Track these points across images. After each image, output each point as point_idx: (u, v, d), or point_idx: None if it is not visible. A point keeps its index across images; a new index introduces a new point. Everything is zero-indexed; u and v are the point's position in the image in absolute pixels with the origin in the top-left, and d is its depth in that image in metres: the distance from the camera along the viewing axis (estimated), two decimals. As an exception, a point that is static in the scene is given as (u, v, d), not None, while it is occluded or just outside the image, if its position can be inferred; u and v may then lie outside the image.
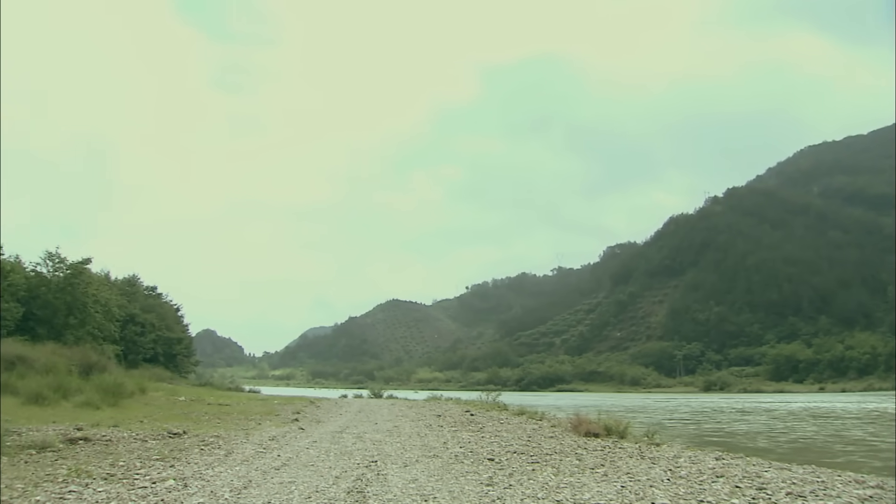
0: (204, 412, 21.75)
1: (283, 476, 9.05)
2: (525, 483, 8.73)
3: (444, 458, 11.34)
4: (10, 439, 11.08)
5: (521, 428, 17.61)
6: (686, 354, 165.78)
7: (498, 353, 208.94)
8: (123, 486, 8.02)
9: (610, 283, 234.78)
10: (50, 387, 20.00)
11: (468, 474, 9.48)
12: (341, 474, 9.32)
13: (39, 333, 37.63)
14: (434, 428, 17.84)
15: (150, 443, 12.62)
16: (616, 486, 8.52)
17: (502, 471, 9.83)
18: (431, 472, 9.68)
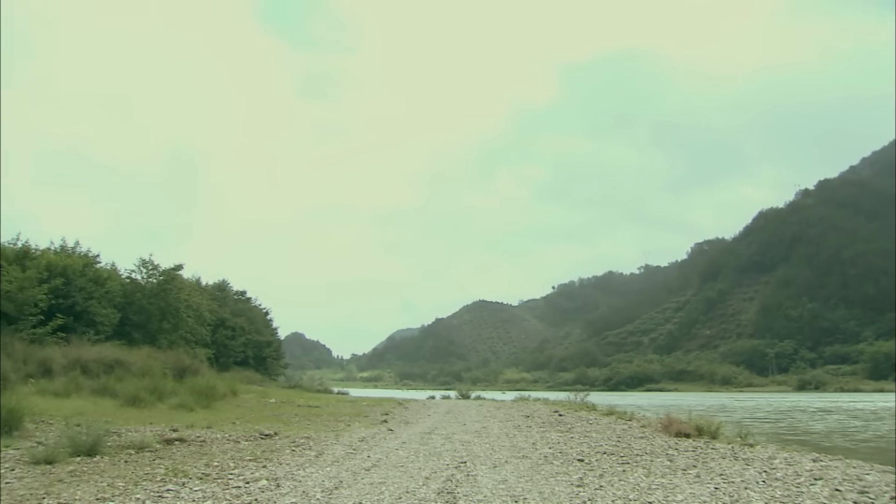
0: (294, 414, 22.15)
1: (373, 477, 9.16)
2: (616, 484, 8.64)
3: (534, 458, 11.30)
4: (111, 440, 11.53)
5: (611, 428, 17.42)
6: (778, 353, 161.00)
7: (585, 353, 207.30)
8: (218, 486, 8.26)
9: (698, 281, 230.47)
10: (146, 389, 20.68)
11: (558, 475, 9.44)
12: (431, 475, 9.38)
13: (135, 338, 38.99)
14: (522, 429, 17.80)
15: (242, 444, 12.94)
16: (709, 487, 8.37)
17: (592, 472, 9.76)
18: (521, 472, 9.67)
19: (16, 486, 7.86)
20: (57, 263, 35.94)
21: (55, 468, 9.23)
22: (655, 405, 44.65)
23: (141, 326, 41.70)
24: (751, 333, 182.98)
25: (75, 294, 35.76)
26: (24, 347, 25.90)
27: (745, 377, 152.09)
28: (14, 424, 12.15)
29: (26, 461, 9.59)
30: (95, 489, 7.80)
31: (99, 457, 10.32)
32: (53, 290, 33.59)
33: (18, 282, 31.49)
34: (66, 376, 22.95)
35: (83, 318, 35.56)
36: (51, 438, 11.38)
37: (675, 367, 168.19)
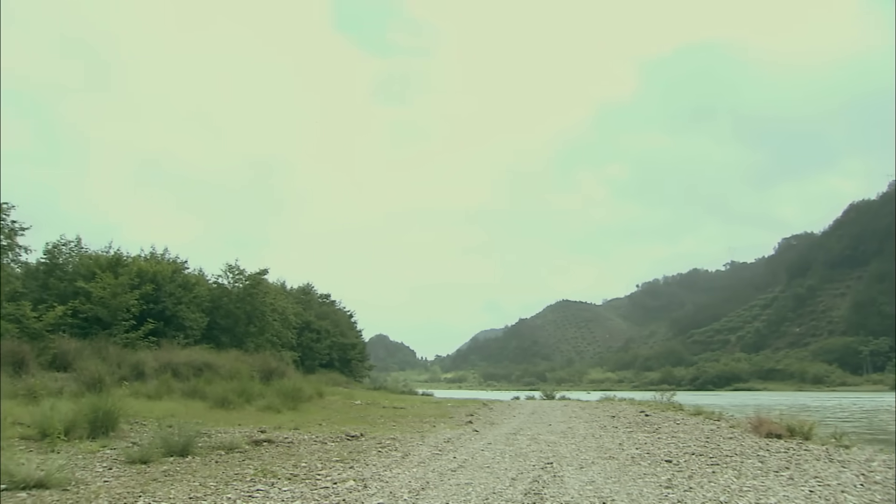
0: (379, 415, 22.36)
1: (459, 478, 9.18)
2: (706, 486, 8.48)
3: (621, 459, 11.18)
4: (202, 440, 11.84)
5: (699, 428, 17.09)
6: (873, 350, 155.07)
7: (671, 352, 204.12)
8: (306, 486, 8.40)
9: (786, 277, 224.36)
10: (234, 392, 21.19)
11: (646, 476, 9.31)
12: (517, 476, 9.36)
13: (223, 342, 40.00)
14: (609, 429, 17.61)
15: (329, 445, 13.12)
16: (804, 490, 8.14)
17: (681, 473, 9.60)
18: (608, 473, 9.58)
19: (114, 485, 8.15)
20: (147, 270, 37.11)
21: (150, 468, 9.53)
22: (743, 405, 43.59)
23: (228, 330, 42.75)
24: (843, 331, 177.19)
25: (165, 299, 36.87)
26: (118, 351, 26.86)
27: (837, 376, 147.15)
28: (110, 425, 12.60)
29: (122, 461, 9.93)
30: (188, 488, 8.03)
31: (191, 457, 10.62)
32: (144, 296, 34.72)
33: (111, 288, 32.67)
34: (157, 379, 23.71)
35: (173, 323, 36.65)
36: (145, 439, 11.74)
37: (764, 365, 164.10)
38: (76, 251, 38.94)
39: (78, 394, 17.71)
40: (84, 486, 7.98)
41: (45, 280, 36.03)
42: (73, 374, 21.70)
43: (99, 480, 8.45)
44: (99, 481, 8.38)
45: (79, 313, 31.31)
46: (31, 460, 8.36)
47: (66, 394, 17.93)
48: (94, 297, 32.47)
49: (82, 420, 12.30)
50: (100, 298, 32.53)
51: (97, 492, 7.69)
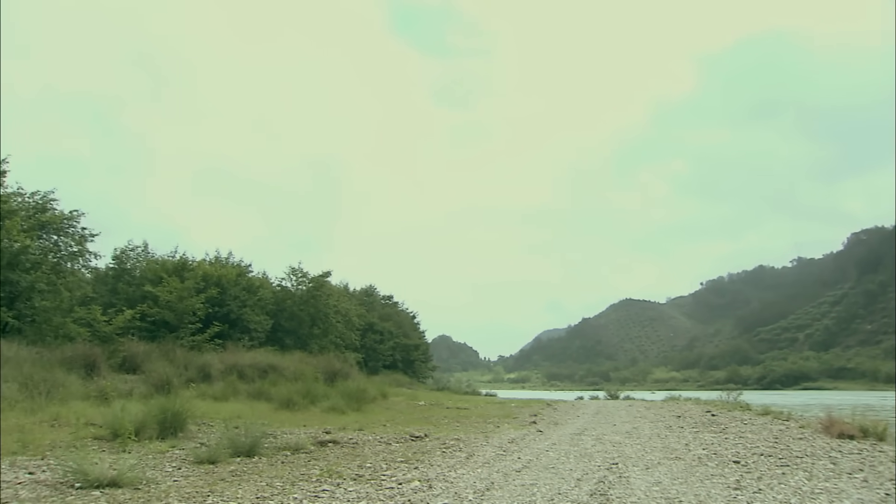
0: (443, 416, 22.39)
1: (524, 478, 9.14)
2: (776, 487, 8.30)
3: (687, 460, 11.02)
4: (268, 441, 12.01)
5: (767, 429, 16.73)
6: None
7: (737, 351, 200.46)
8: (372, 487, 8.45)
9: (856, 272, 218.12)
10: (299, 393, 21.44)
11: (713, 477, 9.16)
12: (583, 476, 9.29)
13: (287, 343, 40.56)
14: (674, 429, 17.37)
15: (393, 445, 13.19)
16: (879, 493, 7.89)
17: (750, 474, 9.41)
18: (675, 474, 9.45)
19: (183, 484, 8.32)
20: (212, 274, 37.83)
21: (217, 468, 9.71)
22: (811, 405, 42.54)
23: (292, 332, 43.32)
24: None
25: (230, 302, 37.53)
26: (185, 354, 27.42)
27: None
28: (179, 426, 12.87)
29: (191, 461, 10.13)
30: (255, 488, 8.15)
31: (257, 457, 10.78)
32: (210, 299, 35.40)
33: (178, 292, 33.38)
34: (223, 381, 24.14)
35: (238, 325, 37.29)
36: (212, 440, 11.95)
37: (834, 364, 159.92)
38: (143, 256, 39.98)
39: (147, 395, 18.15)
40: (155, 486, 8.16)
41: (113, 285, 37.02)
42: (142, 376, 22.26)
43: (169, 480, 8.63)
44: (169, 481, 8.56)
45: (147, 317, 32.06)
46: (104, 460, 8.57)
47: (135, 395, 18.39)
48: (162, 301, 33.21)
49: (152, 421, 12.58)
50: (167, 302, 33.26)
51: (167, 491, 7.85)
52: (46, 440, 11.33)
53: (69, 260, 30.22)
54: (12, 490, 7.65)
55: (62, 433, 12.33)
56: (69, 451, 9.72)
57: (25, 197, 28.77)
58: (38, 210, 28.68)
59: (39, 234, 28.31)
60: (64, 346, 23.65)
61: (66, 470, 8.26)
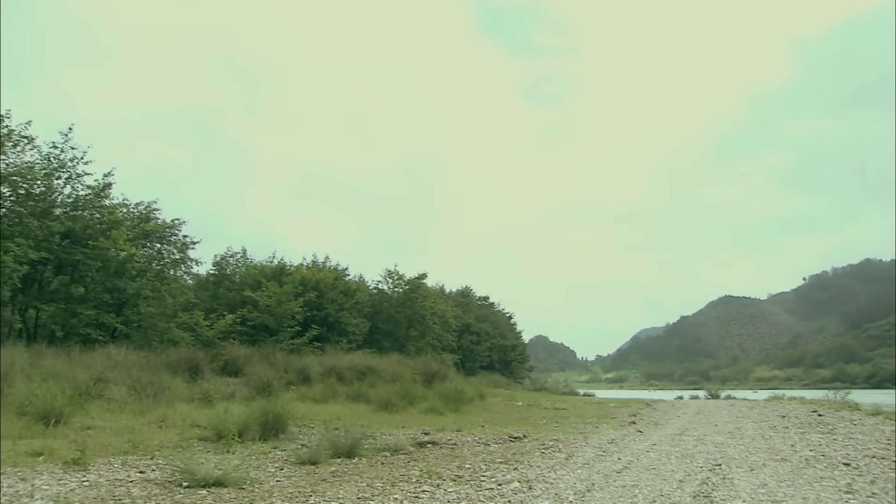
0: (541, 416, 22.30)
1: (625, 479, 9.05)
2: (891, 492, 7.96)
3: (794, 461, 10.70)
4: (367, 442, 12.17)
5: (878, 429, 16.06)
6: None
7: (843, 348, 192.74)
8: (471, 488, 8.48)
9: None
10: (397, 395, 21.68)
11: (822, 480, 8.86)
12: (685, 478, 9.14)
13: (384, 346, 41.02)
14: (779, 429, 16.87)
15: (492, 446, 13.21)
16: None
17: (862, 477, 9.06)
18: (781, 476, 9.18)
19: (285, 484, 8.52)
20: (310, 278, 38.56)
21: (318, 468, 9.89)
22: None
23: (389, 334, 43.78)
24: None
25: (328, 306, 38.20)
26: (285, 357, 28.02)
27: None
28: (280, 428, 13.17)
29: (292, 461, 10.36)
30: (356, 489, 8.27)
31: (357, 458, 10.95)
32: (308, 303, 36.10)
33: (277, 296, 34.15)
34: (322, 383, 24.60)
35: (336, 328, 37.91)
36: (313, 441, 12.20)
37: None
38: (242, 262, 41.10)
39: (249, 397, 18.65)
40: (258, 486, 8.37)
41: (214, 290, 38.17)
42: (244, 378, 22.88)
43: (271, 480, 8.84)
44: (272, 481, 8.77)
45: (247, 321, 32.90)
46: (210, 460, 8.84)
47: (237, 398, 18.91)
48: (261, 306, 34.04)
49: (254, 422, 12.92)
50: (266, 306, 34.07)
51: (270, 491, 8.05)
52: (154, 440, 11.76)
53: (172, 267, 31.32)
54: (125, 488, 7.97)
55: (169, 434, 12.79)
56: (176, 451, 10.08)
57: (130, 207, 29.92)
58: (143, 220, 29.78)
59: (144, 242, 29.41)
60: (169, 351, 24.54)
61: (174, 469, 8.58)
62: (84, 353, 20.82)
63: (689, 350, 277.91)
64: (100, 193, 27.66)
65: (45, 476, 8.39)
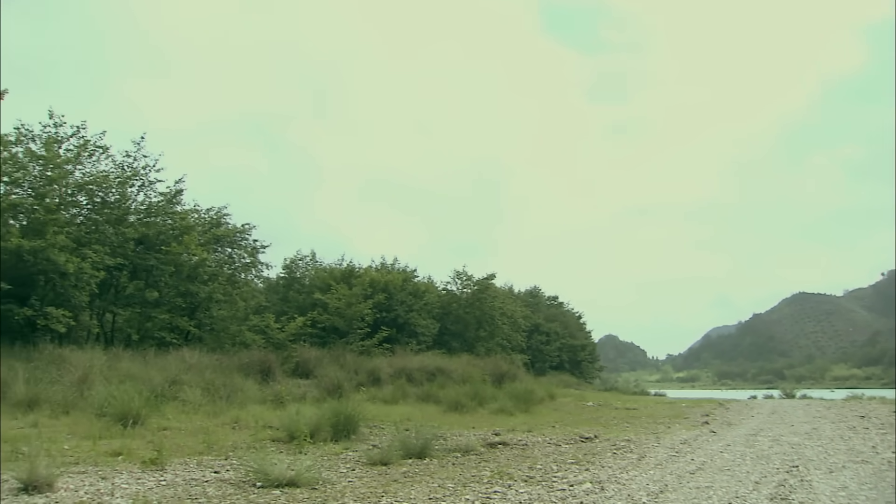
0: (612, 416, 22.11)
1: (698, 480, 8.92)
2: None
3: (875, 463, 10.40)
4: (438, 443, 12.20)
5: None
6: None
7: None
8: (543, 488, 8.44)
9: None
10: (467, 395, 21.69)
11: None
12: (761, 480, 8.97)
13: (454, 346, 41.11)
14: (858, 430, 16.42)
15: (563, 447, 13.13)
16: None
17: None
18: (862, 479, 8.94)
19: (357, 485, 8.59)
20: (379, 280, 38.92)
21: (390, 469, 9.96)
22: None
23: (459, 335, 43.87)
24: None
25: (397, 307, 38.47)
26: (355, 358, 28.35)
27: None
28: (351, 429, 13.29)
29: (364, 462, 10.44)
30: (428, 489, 8.31)
31: (428, 459, 10.98)
32: (377, 305, 36.44)
33: (346, 298, 34.55)
34: (392, 384, 24.77)
35: (405, 330, 38.15)
36: (384, 442, 12.29)
37: None
38: (312, 265, 41.68)
39: (320, 399, 18.87)
40: (330, 486, 8.46)
41: (285, 293, 38.78)
42: (315, 380, 23.19)
43: (343, 480, 8.92)
44: (343, 481, 8.86)
45: (317, 323, 33.35)
46: (282, 460, 8.96)
47: (308, 399, 19.15)
48: (331, 308, 34.46)
49: (325, 424, 13.05)
50: (336, 309, 34.48)
51: (342, 491, 8.13)
52: (228, 441, 11.98)
53: (243, 271, 31.92)
54: (200, 487, 8.14)
55: (242, 435, 13.02)
56: (249, 451, 10.28)
57: (201, 213, 30.59)
58: (213, 225, 30.42)
59: (215, 247, 30.04)
60: (241, 353, 25.05)
61: (247, 469, 8.73)
62: (159, 355, 21.39)
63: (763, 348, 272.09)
64: (172, 200, 28.32)
65: (124, 475, 8.62)
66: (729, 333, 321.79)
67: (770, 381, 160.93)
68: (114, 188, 26.06)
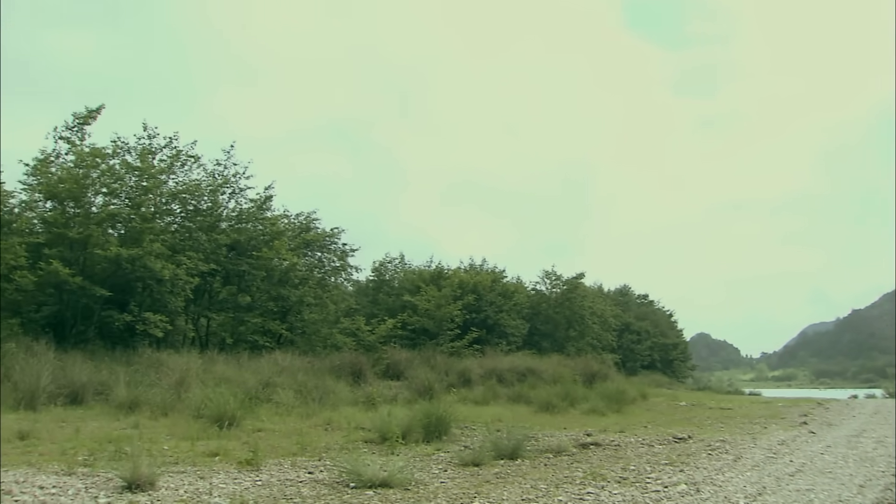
0: (706, 416, 21.72)
1: (798, 483, 8.69)
2: None
3: None
4: (530, 444, 12.17)
5: None
6: None
7: None
8: (637, 490, 8.34)
9: None
10: (558, 396, 21.58)
11: None
12: (865, 483, 8.68)
13: (544, 347, 40.94)
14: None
15: (656, 447, 12.95)
16: None
17: None
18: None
19: (449, 486, 8.63)
20: (468, 281, 39.02)
21: (481, 470, 9.96)
22: None
23: (549, 335, 43.71)
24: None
25: (486, 308, 38.50)
26: (445, 360, 28.50)
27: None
28: (443, 430, 13.35)
29: (456, 463, 10.47)
30: (520, 490, 8.29)
31: (520, 460, 10.96)
32: (467, 306, 36.53)
33: (435, 300, 34.76)
34: (483, 385, 24.82)
35: (495, 331, 38.16)
36: (475, 443, 12.32)
37: None
38: (400, 267, 42.07)
39: (411, 400, 19.02)
40: (423, 487, 8.52)
41: (374, 296, 39.26)
42: (405, 382, 23.40)
43: (436, 481, 8.97)
44: (436, 482, 8.91)
45: (407, 325, 33.64)
46: (375, 462, 9.06)
47: (399, 400, 19.35)
48: (420, 310, 34.72)
49: (417, 425, 13.14)
50: (425, 310, 34.72)
51: (435, 492, 8.17)
52: (321, 443, 12.17)
53: (333, 274, 32.42)
54: (295, 488, 8.29)
55: (335, 436, 13.21)
56: (342, 452, 10.43)
57: (291, 218, 31.19)
58: (303, 229, 31.00)
59: (305, 251, 30.60)
60: (332, 355, 25.48)
61: (341, 470, 8.86)
62: (252, 358, 21.92)
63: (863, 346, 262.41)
64: (262, 206, 28.97)
65: (221, 475, 8.85)
66: (826, 330, 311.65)
67: (871, 379, 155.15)
68: (206, 196, 26.81)
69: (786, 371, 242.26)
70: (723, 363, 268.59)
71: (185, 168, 26.23)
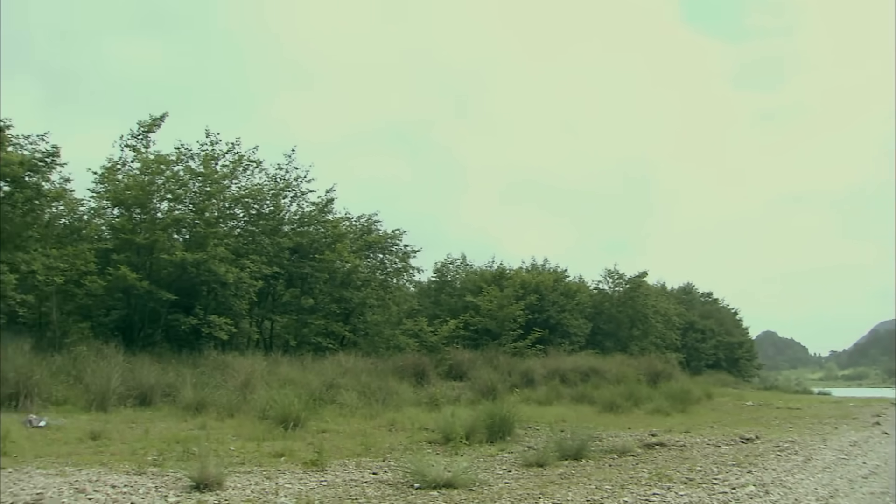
0: (773, 416, 21.36)
1: (872, 486, 8.50)
2: None
3: None
4: (594, 444, 12.08)
5: None
6: None
7: None
8: (703, 491, 8.23)
9: None
10: (622, 395, 21.40)
11: None
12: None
13: (607, 346, 40.60)
14: None
15: (723, 448, 12.78)
16: None
17: None
18: None
19: (514, 486, 8.62)
20: (530, 281, 38.90)
21: (546, 470, 9.94)
22: None
23: (611, 335, 43.34)
24: None
25: (549, 308, 38.32)
26: (507, 360, 28.44)
27: None
28: (506, 430, 13.35)
29: (520, 464, 10.46)
30: (585, 491, 8.25)
31: (584, 460, 10.90)
32: (529, 306, 36.40)
33: (498, 300, 34.71)
34: (546, 385, 24.73)
35: (557, 330, 37.96)
36: (539, 443, 12.28)
37: None
38: (462, 268, 42.08)
39: (474, 401, 19.05)
40: (487, 487, 8.52)
41: (436, 297, 39.34)
42: (468, 382, 23.45)
43: (500, 482, 8.97)
44: (500, 483, 8.91)
45: (469, 326, 33.62)
46: (439, 462, 9.09)
47: (463, 401, 19.38)
48: (483, 310, 34.69)
49: (480, 425, 13.15)
50: (487, 311, 34.68)
51: (499, 493, 8.17)
52: (385, 443, 12.26)
53: (395, 276, 32.54)
54: (360, 488, 8.37)
55: (399, 437, 13.30)
56: (406, 453, 10.50)
57: (352, 221, 31.40)
58: (365, 232, 31.19)
59: (367, 253, 30.78)
60: (395, 357, 25.63)
61: (405, 471, 8.92)
62: (316, 360, 22.15)
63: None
64: (323, 209, 29.24)
65: (287, 475, 8.97)
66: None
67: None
68: (268, 200, 27.20)
69: (856, 370, 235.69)
70: (790, 362, 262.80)
71: (248, 173, 26.63)
